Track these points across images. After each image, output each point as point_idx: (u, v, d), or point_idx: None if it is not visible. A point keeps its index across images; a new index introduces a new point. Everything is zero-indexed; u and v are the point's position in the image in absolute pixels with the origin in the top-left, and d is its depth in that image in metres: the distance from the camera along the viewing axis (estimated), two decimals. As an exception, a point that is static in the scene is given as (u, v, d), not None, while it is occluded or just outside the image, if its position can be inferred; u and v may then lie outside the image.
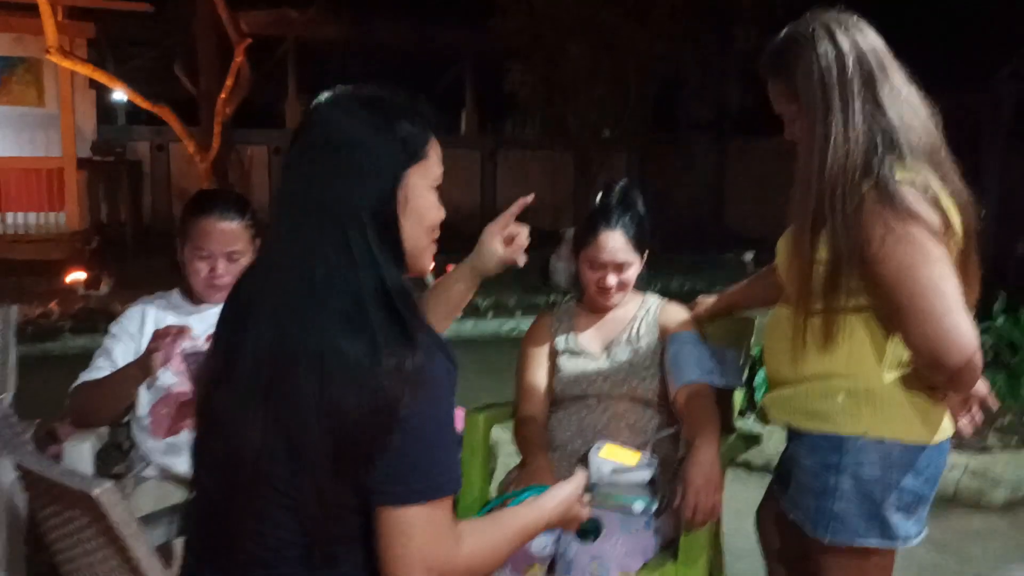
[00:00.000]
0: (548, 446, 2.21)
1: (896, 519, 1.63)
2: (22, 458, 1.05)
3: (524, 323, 7.37)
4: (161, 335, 1.89)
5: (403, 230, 1.24)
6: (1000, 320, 4.54)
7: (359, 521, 1.18)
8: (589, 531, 1.50)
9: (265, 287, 1.22)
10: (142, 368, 1.94)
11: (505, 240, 1.66)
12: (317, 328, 1.15)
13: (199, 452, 1.29)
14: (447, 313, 1.68)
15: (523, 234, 1.67)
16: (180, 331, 1.91)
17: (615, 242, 2.18)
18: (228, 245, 2.07)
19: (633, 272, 2.23)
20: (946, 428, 1.67)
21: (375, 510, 1.15)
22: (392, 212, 1.22)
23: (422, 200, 1.27)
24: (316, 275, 1.16)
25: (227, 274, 2.08)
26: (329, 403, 1.12)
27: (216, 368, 1.27)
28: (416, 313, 1.19)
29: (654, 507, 1.83)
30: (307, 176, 1.21)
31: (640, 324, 2.27)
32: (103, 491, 0.91)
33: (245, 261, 2.10)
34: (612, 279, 2.21)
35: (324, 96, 1.28)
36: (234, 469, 1.19)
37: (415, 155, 1.25)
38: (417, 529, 1.14)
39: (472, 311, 7.63)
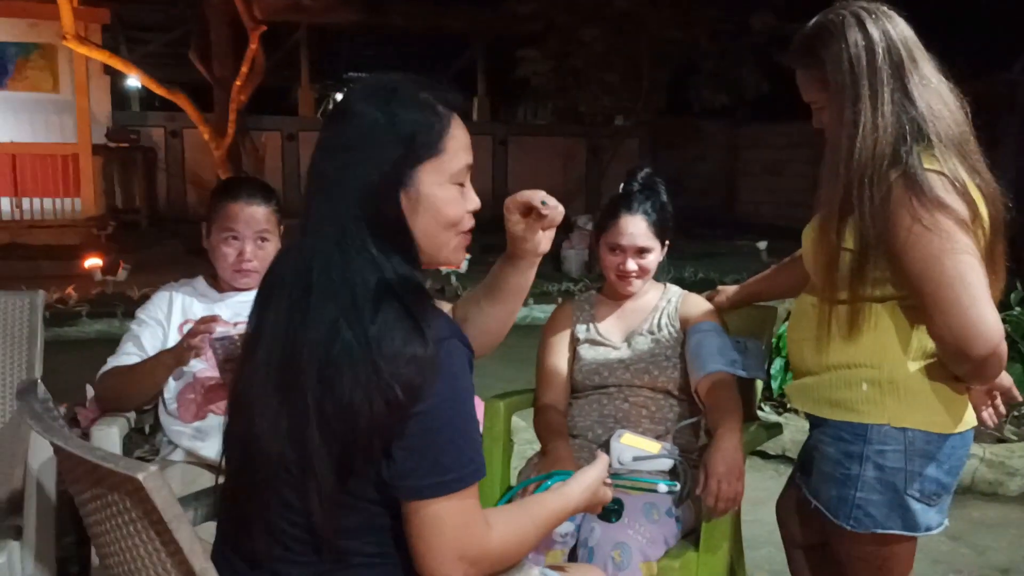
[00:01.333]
0: (568, 434, 2.22)
1: (918, 508, 1.64)
2: (63, 441, 1.07)
3: (537, 311, 7.39)
4: (200, 330, 1.91)
5: (416, 226, 1.23)
6: (1017, 310, 4.52)
7: (375, 511, 1.18)
8: (612, 511, 1.53)
9: (283, 278, 1.23)
10: (175, 357, 1.96)
11: (522, 212, 1.45)
12: (319, 323, 1.15)
13: (226, 437, 1.31)
14: (498, 300, 1.52)
15: (537, 195, 1.43)
16: (213, 319, 1.93)
17: (635, 227, 2.18)
18: (256, 226, 2.10)
19: (653, 258, 2.23)
20: (969, 418, 1.67)
21: (403, 505, 1.16)
22: (395, 211, 1.21)
23: (437, 197, 1.24)
24: (316, 269, 1.17)
25: (254, 258, 2.11)
26: (336, 403, 1.12)
27: (243, 356, 1.29)
28: (424, 302, 1.18)
29: (677, 487, 1.84)
30: (320, 169, 1.21)
31: (661, 314, 2.28)
32: (148, 475, 0.93)
33: (271, 247, 2.13)
34: (632, 264, 2.21)
35: (350, 86, 1.28)
36: (253, 456, 1.20)
37: (426, 152, 1.22)
38: (447, 521, 1.14)
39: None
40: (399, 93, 1.23)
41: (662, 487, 1.82)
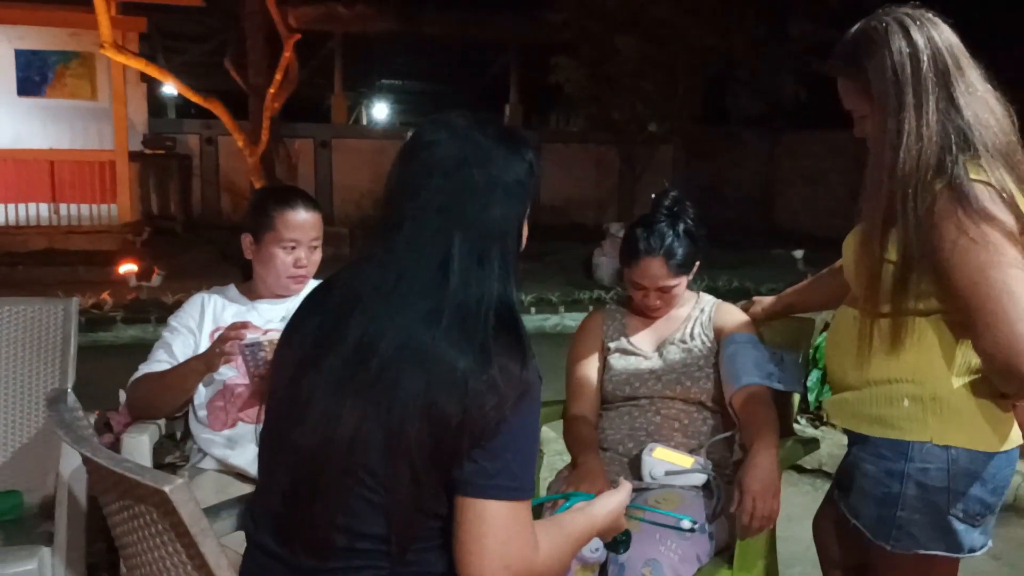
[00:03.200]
0: (598, 446, 2.19)
1: (961, 529, 1.59)
2: (92, 452, 1.06)
3: (568, 318, 7.37)
4: (230, 337, 1.92)
5: None
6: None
7: (438, 527, 1.21)
8: (620, 543, 1.57)
9: (382, 285, 1.23)
10: (206, 364, 1.97)
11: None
12: (432, 332, 1.18)
13: (274, 440, 1.30)
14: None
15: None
16: (244, 325, 1.93)
17: (657, 269, 2.14)
18: (312, 234, 2.15)
19: (680, 289, 2.20)
20: (1015, 436, 1.62)
21: (458, 500, 1.18)
22: (522, 231, 1.30)
23: (525, 226, 1.33)
24: (446, 285, 1.20)
25: (309, 264, 2.16)
26: (431, 404, 1.15)
27: (304, 356, 1.27)
28: (523, 326, 1.24)
29: (697, 525, 1.82)
30: (451, 191, 1.23)
31: (694, 324, 2.24)
32: (175, 488, 0.92)
33: (319, 253, 2.19)
34: (656, 300, 2.20)
35: (451, 117, 1.31)
36: (321, 458, 1.20)
37: (534, 182, 1.31)
38: (499, 524, 1.17)
39: (516, 306, 7.62)
40: (510, 126, 1.35)
41: (685, 523, 1.81)
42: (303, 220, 2.13)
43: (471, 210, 1.23)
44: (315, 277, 2.19)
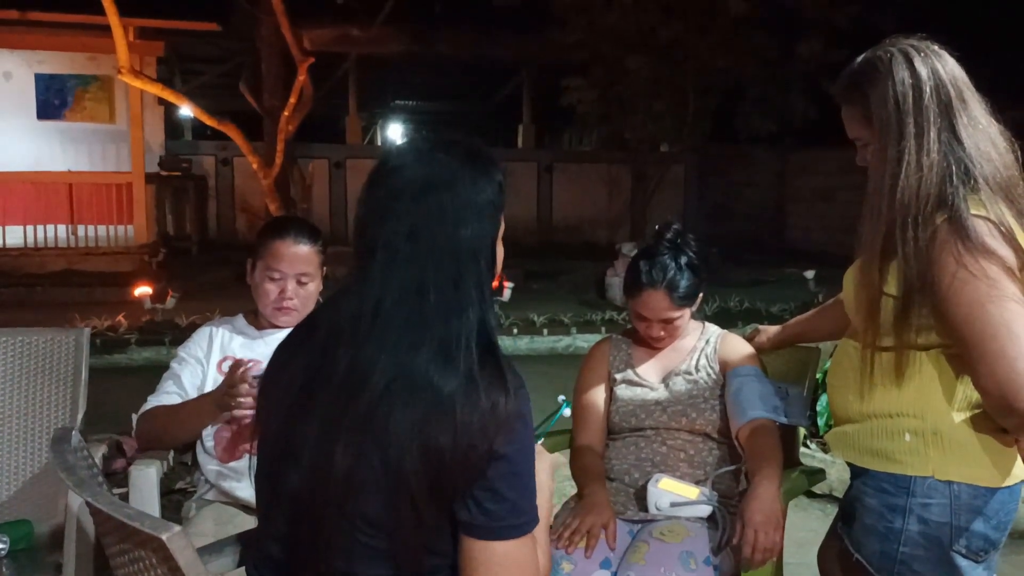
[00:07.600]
0: (605, 476, 2.19)
1: (965, 565, 1.58)
2: (93, 497, 1.08)
3: (580, 340, 7.36)
4: (240, 380, 1.91)
5: None
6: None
7: (446, 564, 1.21)
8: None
9: (361, 316, 1.20)
10: (219, 405, 1.97)
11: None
12: (415, 362, 1.17)
13: (269, 487, 1.28)
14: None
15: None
16: (255, 365, 1.94)
17: (659, 302, 2.15)
18: (299, 267, 2.13)
19: (683, 320, 2.21)
20: (1018, 472, 1.61)
21: (470, 544, 1.18)
22: (495, 252, 1.28)
23: (499, 251, 1.31)
24: (424, 310, 1.18)
25: (295, 297, 2.14)
26: (426, 438, 1.14)
27: (293, 399, 1.25)
28: (502, 353, 1.23)
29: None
30: (420, 214, 1.20)
31: (699, 356, 2.25)
32: (172, 536, 0.94)
33: (313, 286, 2.16)
34: (659, 332, 2.20)
35: (416, 140, 1.32)
36: (318, 505, 1.19)
37: (504, 201, 1.29)
38: (511, 562, 1.19)
39: (528, 327, 7.67)
40: (480, 147, 1.30)
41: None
42: (291, 252, 2.12)
43: (441, 233, 1.20)
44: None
